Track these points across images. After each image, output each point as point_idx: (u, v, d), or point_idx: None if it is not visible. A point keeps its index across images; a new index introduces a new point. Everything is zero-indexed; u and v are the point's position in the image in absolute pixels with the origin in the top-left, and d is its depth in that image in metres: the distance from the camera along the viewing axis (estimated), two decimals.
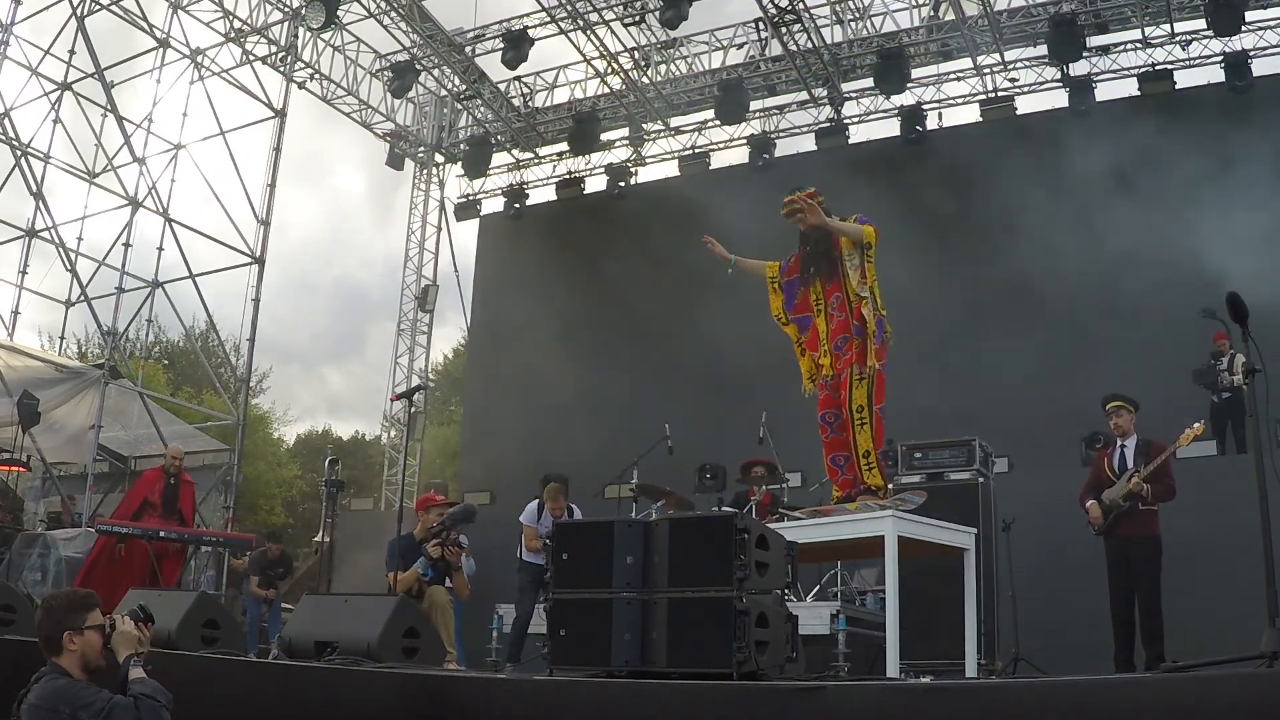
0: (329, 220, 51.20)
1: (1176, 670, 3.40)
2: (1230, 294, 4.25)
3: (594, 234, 16.19)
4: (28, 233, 13.88)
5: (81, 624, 3.66)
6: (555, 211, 16.99)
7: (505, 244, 17.24)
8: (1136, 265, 11.03)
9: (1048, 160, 12.73)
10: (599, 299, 15.39)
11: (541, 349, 15.02)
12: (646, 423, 10.67)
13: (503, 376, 16.15)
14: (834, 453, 5.75)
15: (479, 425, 17.19)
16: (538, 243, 16.38)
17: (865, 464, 5.60)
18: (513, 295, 16.59)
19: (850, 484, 5.73)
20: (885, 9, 13.70)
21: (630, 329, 15.06)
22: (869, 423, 5.58)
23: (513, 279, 16.83)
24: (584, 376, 14.81)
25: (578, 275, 15.68)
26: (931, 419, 9.98)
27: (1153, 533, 7.00)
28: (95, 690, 3.56)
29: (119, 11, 13.66)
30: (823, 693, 3.47)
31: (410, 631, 5.07)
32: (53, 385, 12.54)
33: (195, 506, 10.64)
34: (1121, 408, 7.31)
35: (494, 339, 17.03)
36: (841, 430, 5.71)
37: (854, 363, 5.59)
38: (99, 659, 3.67)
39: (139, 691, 3.57)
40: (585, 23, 13.83)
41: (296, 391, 52.41)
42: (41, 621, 3.69)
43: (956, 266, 13.14)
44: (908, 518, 5.34)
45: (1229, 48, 12.45)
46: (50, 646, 3.64)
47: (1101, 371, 10.53)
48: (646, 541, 4.11)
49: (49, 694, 3.52)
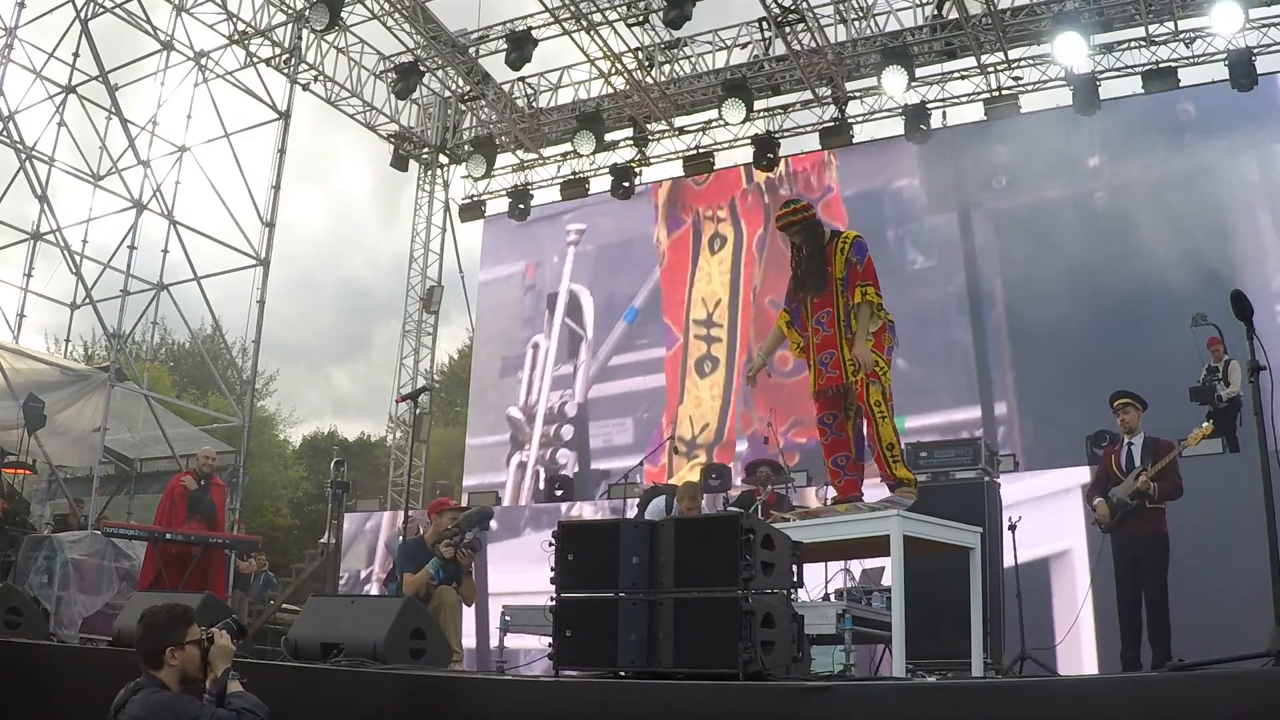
0: (334, 221, 51.27)
1: (1183, 669, 3.40)
2: (1234, 291, 4.24)
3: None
4: (33, 235, 13.92)
5: (182, 639, 3.76)
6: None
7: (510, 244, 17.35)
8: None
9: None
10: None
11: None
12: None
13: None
14: (835, 454, 5.72)
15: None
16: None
17: (891, 456, 5.47)
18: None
19: (852, 486, 5.70)
20: (889, 8, 13.69)
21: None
22: (889, 415, 5.47)
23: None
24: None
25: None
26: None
27: (1160, 531, 7.00)
28: (198, 704, 3.68)
29: (123, 14, 13.69)
30: (829, 692, 3.46)
31: (417, 633, 5.07)
32: (58, 388, 12.58)
33: (225, 508, 10.77)
34: (1129, 405, 7.31)
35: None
36: (840, 431, 5.67)
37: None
38: (197, 672, 3.77)
39: (239, 705, 3.67)
40: (589, 23, 13.83)
41: (303, 392, 52.46)
42: (142, 636, 3.79)
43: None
44: (913, 517, 5.33)
45: (1232, 45, 12.42)
46: (151, 661, 3.74)
47: (1105, 371, 10.52)
48: (652, 542, 4.11)
49: (154, 706, 3.62)
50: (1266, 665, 3.45)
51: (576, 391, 14.80)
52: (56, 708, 5.56)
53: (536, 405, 15.08)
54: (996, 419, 12.11)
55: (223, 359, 23.05)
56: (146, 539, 9.77)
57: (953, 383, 12.61)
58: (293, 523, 28.63)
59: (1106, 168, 12.83)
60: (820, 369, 5.63)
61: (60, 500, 13.23)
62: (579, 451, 14.30)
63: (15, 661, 5.77)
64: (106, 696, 5.36)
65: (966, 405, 12.37)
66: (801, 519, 5.65)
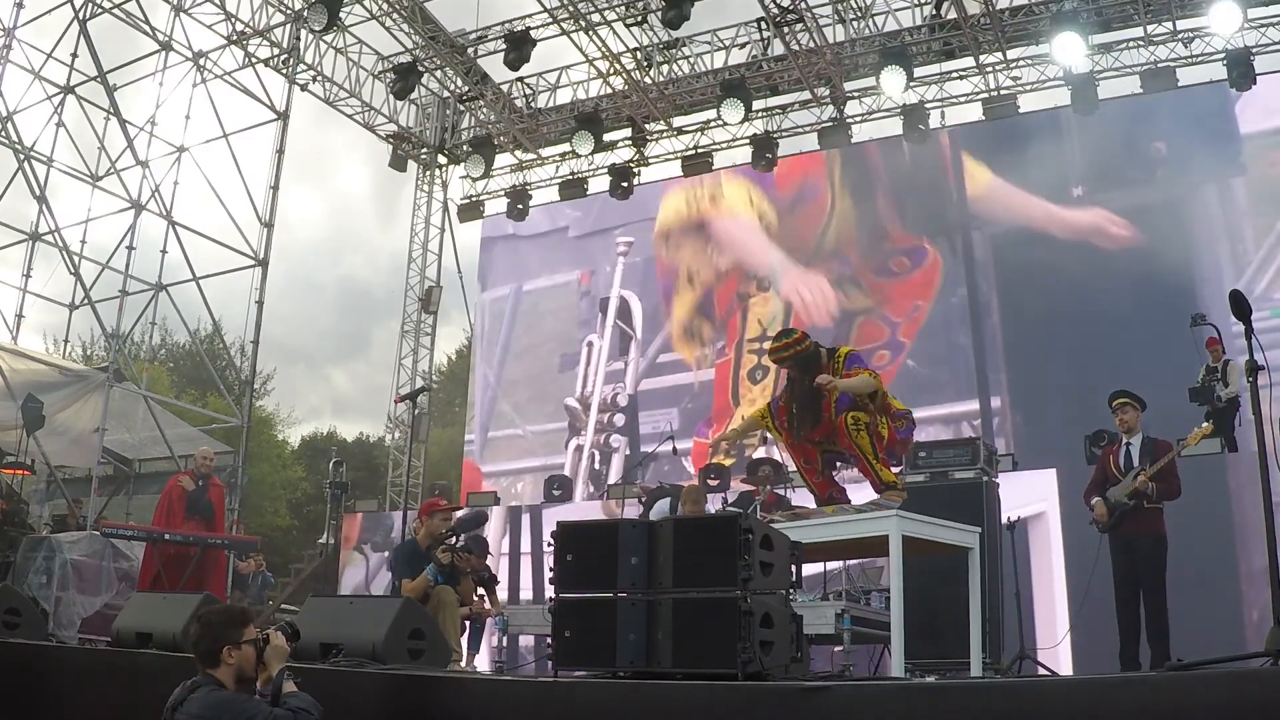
0: (333, 221, 51.29)
1: (1182, 669, 3.40)
2: (1233, 291, 4.25)
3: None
4: (31, 236, 13.91)
5: (239, 638, 3.84)
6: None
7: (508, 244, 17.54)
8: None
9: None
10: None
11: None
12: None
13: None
14: (802, 458, 5.77)
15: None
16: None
17: (874, 460, 5.47)
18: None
19: (826, 486, 5.75)
20: (887, 8, 13.69)
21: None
22: (864, 428, 5.42)
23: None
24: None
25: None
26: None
27: (1158, 531, 7.00)
28: (256, 702, 3.76)
29: (121, 15, 13.68)
30: (828, 692, 3.47)
31: (416, 633, 5.07)
32: (57, 388, 12.57)
33: (224, 508, 10.79)
34: (1128, 404, 7.31)
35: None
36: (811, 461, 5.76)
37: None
38: (252, 672, 3.86)
39: (294, 704, 3.74)
40: (587, 23, 13.83)
41: (302, 392, 52.39)
42: (200, 636, 3.89)
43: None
44: (912, 517, 5.33)
45: (1231, 45, 12.43)
46: (208, 660, 3.83)
47: (1106, 370, 10.65)
48: (651, 542, 4.12)
49: (212, 704, 3.70)
50: (1265, 665, 3.46)
51: (627, 384, 16.24)
52: (56, 708, 5.56)
53: (591, 396, 16.49)
54: (992, 410, 13.59)
55: (221, 359, 23.03)
56: (145, 539, 9.77)
57: (954, 380, 13.97)
58: (291, 523, 28.63)
59: (1088, 197, 13.54)
60: (825, 480, 5.77)
61: (59, 501, 13.21)
62: (629, 436, 15.79)
63: (14, 662, 5.77)
64: (105, 697, 5.38)
65: (966, 399, 13.81)
66: (790, 520, 5.66)
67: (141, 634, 5.92)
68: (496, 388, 17.18)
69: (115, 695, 5.29)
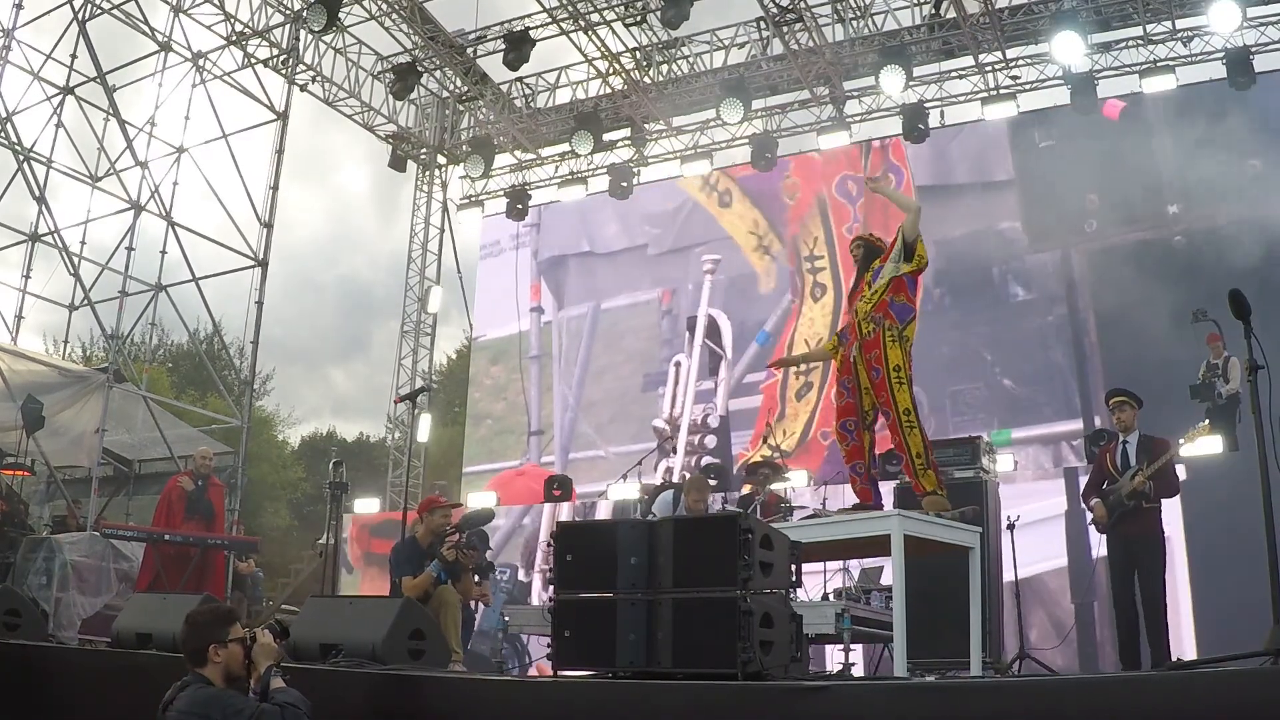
0: (333, 221, 51.30)
1: (1181, 668, 3.40)
2: (1232, 290, 4.25)
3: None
4: (31, 237, 13.89)
5: (225, 637, 3.92)
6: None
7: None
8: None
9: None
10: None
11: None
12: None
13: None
14: (853, 461, 5.74)
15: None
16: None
17: (919, 466, 5.52)
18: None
19: (867, 495, 5.73)
20: (887, 7, 13.69)
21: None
22: (917, 426, 5.51)
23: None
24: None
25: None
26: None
27: (1156, 530, 7.01)
28: (243, 698, 3.82)
29: (120, 15, 13.66)
30: (828, 692, 3.47)
31: (416, 633, 5.07)
32: (57, 389, 12.54)
33: (224, 509, 10.79)
34: (1125, 403, 7.32)
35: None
36: (858, 439, 5.71)
37: (886, 358, 5.55)
38: (240, 669, 3.93)
39: (282, 700, 3.79)
40: (587, 23, 13.83)
41: (302, 392, 52.48)
42: (187, 635, 3.97)
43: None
44: (913, 516, 5.33)
45: (1230, 44, 12.43)
46: (195, 659, 3.90)
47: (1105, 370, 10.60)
48: (651, 542, 4.11)
49: (200, 701, 3.77)
50: (1265, 664, 3.46)
51: (718, 405, 15.85)
52: (56, 709, 5.56)
53: (680, 417, 16.11)
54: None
55: (221, 359, 23.02)
56: (145, 540, 9.76)
57: (1052, 399, 13.48)
58: (291, 523, 28.64)
59: (1184, 214, 12.98)
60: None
61: (59, 501, 13.19)
62: (722, 458, 15.20)
63: (14, 663, 5.77)
64: (105, 697, 5.37)
65: (1065, 419, 13.26)
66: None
67: (141, 635, 5.91)
68: (576, 409, 16.69)
69: (115, 696, 5.29)
